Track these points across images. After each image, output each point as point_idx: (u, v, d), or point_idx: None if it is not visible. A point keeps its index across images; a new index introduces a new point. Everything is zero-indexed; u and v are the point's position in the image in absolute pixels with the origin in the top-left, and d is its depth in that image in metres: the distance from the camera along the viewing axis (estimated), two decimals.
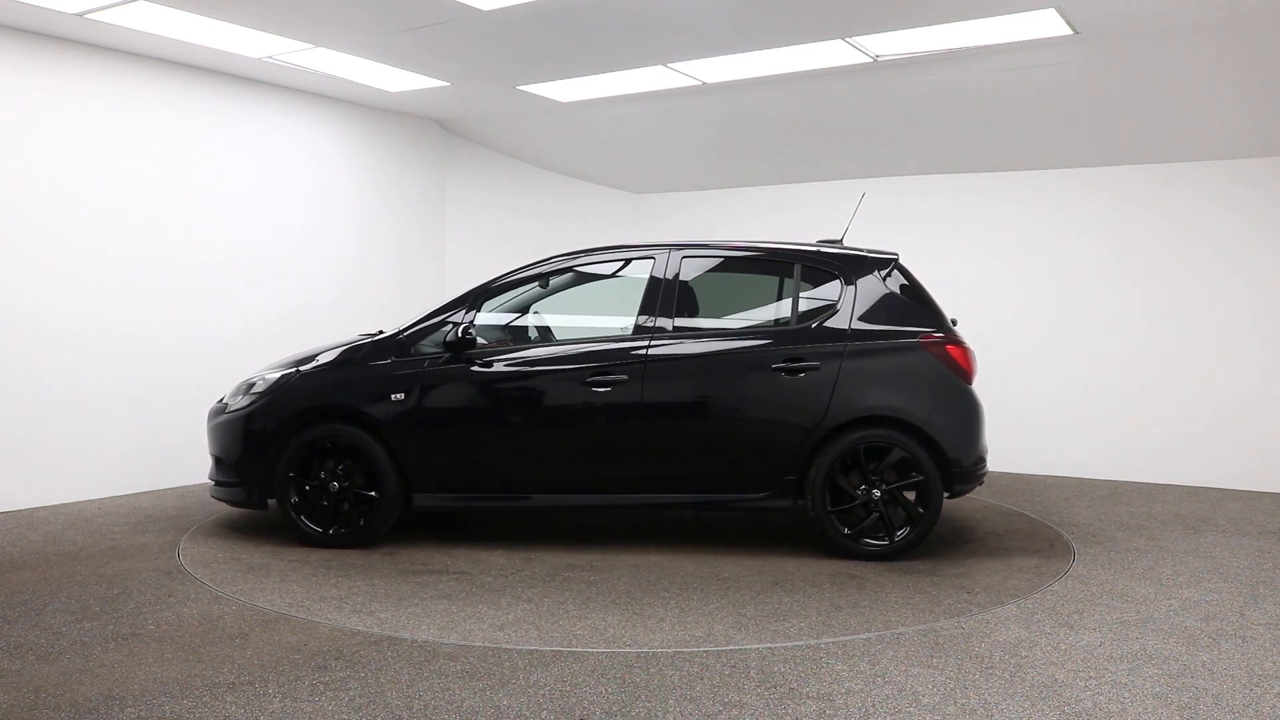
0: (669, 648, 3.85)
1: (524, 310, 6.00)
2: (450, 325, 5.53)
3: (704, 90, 7.34)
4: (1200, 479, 7.62)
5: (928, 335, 5.35)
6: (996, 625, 4.17)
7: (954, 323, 5.60)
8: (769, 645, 3.90)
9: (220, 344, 7.33)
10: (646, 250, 5.68)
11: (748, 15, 5.73)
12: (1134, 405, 7.88)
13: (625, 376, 5.32)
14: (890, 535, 5.22)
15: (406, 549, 5.49)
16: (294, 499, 5.49)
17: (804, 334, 5.37)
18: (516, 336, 5.95)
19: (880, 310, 5.40)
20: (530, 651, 3.81)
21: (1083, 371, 8.08)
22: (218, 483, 5.71)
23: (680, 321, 5.48)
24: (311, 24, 6.07)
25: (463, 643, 3.90)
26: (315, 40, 6.40)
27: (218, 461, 5.73)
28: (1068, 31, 5.79)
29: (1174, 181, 7.75)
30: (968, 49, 6.18)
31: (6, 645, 3.82)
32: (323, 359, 5.65)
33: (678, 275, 5.54)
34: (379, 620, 4.20)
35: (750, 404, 5.35)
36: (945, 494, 5.29)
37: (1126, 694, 3.42)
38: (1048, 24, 5.68)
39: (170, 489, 7.06)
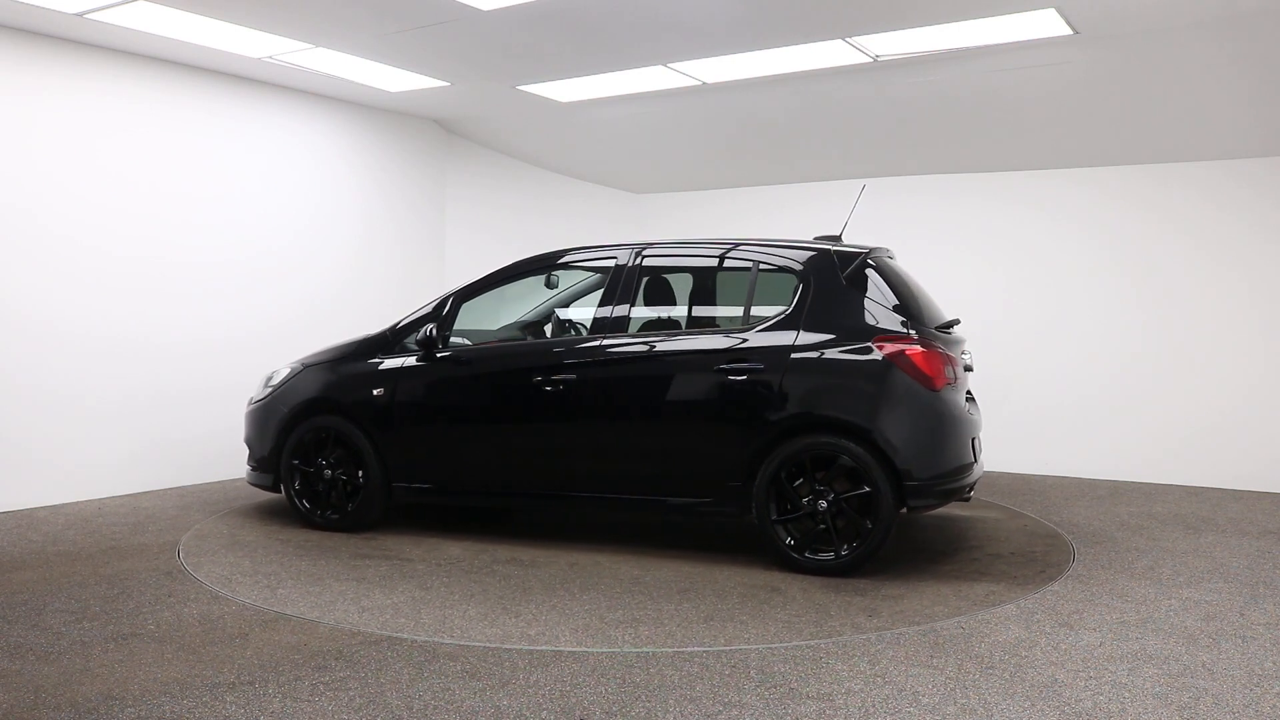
0: (491, 643, 3.89)
1: (502, 309, 6.20)
2: (427, 325, 5.72)
3: (704, 90, 7.34)
4: (1200, 479, 7.62)
5: (884, 337, 4.93)
6: (996, 625, 4.17)
7: (956, 323, 5.53)
8: (769, 645, 3.90)
9: (221, 344, 7.33)
10: (610, 250, 5.67)
11: (748, 15, 5.73)
12: (1134, 405, 7.87)
13: (574, 376, 5.34)
14: (836, 549, 4.88)
15: (385, 536, 5.76)
16: (296, 484, 5.95)
17: (752, 334, 5.13)
18: (490, 335, 6.09)
19: (838, 309, 5.06)
20: (530, 651, 3.81)
21: (1082, 372, 8.08)
22: (251, 468, 6.20)
23: (636, 319, 5.50)
24: (311, 24, 6.07)
25: (461, 642, 3.90)
26: (315, 40, 6.40)
27: (249, 448, 6.23)
28: (1068, 31, 5.78)
29: (1174, 181, 7.75)
30: (968, 49, 6.18)
31: (6, 645, 3.82)
32: (326, 355, 6.07)
33: (636, 275, 5.52)
34: (277, 596, 4.51)
35: (694, 406, 5.17)
36: (901, 508, 4.90)
37: (1126, 694, 3.42)
38: (1048, 24, 5.68)
39: (170, 489, 7.06)
